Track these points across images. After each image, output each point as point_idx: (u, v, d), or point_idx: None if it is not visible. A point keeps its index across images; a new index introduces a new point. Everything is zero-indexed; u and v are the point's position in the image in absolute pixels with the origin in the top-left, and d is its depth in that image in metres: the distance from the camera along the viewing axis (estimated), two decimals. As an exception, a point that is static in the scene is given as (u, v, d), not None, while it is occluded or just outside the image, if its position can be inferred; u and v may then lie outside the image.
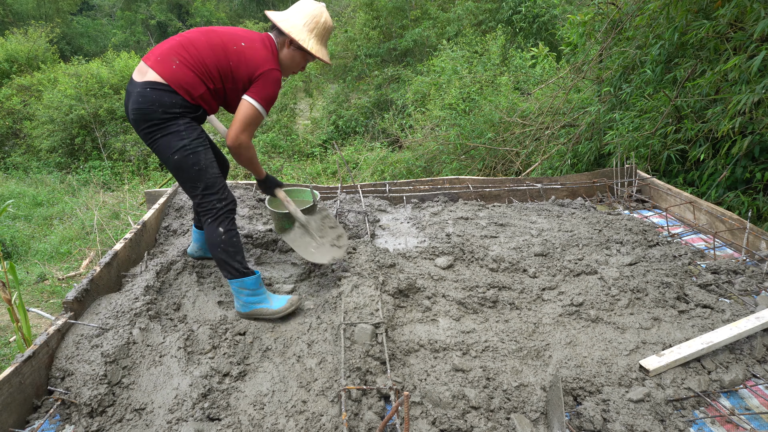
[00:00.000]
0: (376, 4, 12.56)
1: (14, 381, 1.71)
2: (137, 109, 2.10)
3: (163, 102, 2.09)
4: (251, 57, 2.20)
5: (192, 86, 2.14)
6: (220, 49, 2.18)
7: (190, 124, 2.18)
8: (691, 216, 3.30)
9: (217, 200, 2.23)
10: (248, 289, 2.25)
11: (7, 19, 20.15)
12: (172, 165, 2.18)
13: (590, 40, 5.55)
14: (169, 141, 2.13)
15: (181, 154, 2.14)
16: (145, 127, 2.12)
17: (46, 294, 5.40)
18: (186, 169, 2.17)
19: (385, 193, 3.85)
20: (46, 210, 8.20)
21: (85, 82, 11.27)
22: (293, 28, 2.28)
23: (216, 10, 24.16)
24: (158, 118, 2.10)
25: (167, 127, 2.12)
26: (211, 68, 2.17)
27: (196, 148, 2.17)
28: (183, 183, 2.24)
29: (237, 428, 1.67)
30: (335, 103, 12.85)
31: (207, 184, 2.21)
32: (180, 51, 2.15)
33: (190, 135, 2.15)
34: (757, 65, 3.13)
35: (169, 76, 2.10)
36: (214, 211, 2.23)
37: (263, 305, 2.27)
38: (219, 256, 2.23)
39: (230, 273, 2.24)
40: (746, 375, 1.91)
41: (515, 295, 2.46)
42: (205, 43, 2.18)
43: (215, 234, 2.22)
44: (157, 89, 2.08)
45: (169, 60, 2.12)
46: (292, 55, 2.34)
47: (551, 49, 9.05)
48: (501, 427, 1.67)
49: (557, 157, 5.89)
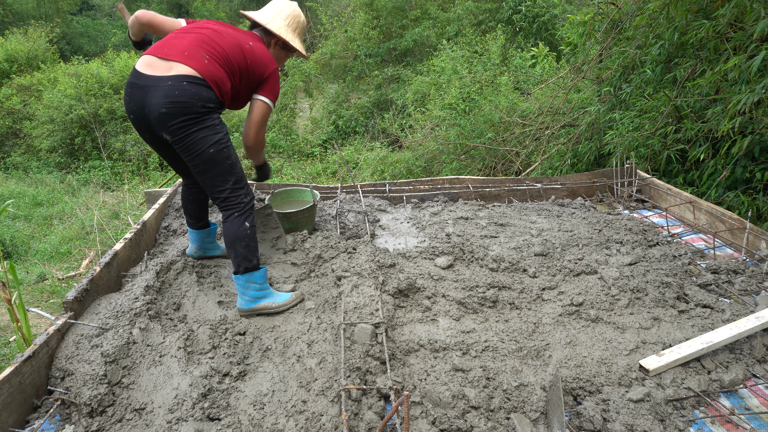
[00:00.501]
0: (376, 4, 12.55)
1: (14, 381, 1.71)
2: (175, 102, 2.06)
3: (202, 96, 2.11)
4: (261, 56, 2.30)
5: (222, 81, 2.18)
6: (239, 48, 2.25)
7: (220, 120, 2.23)
8: (691, 216, 3.30)
9: (245, 194, 2.29)
10: (257, 283, 2.28)
11: (7, 19, 20.14)
12: (207, 158, 2.17)
13: (590, 40, 5.55)
14: (206, 134, 2.14)
15: (217, 147, 2.17)
16: (181, 120, 2.09)
17: (46, 294, 5.40)
18: (220, 163, 2.20)
19: (385, 193, 3.85)
20: (46, 210, 8.20)
21: (85, 82, 11.27)
22: (280, 30, 2.42)
23: (216, 10, 24.13)
24: (197, 111, 2.10)
25: (203, 121, 2.13)
26: (233, 64, 2.23)
27: (228, 143, 2.22)
28: (213, 177, 2.23)
29: (237, 428, 1.67)
30: (335, 103, 12.84)
31: (237, 177, 2.27)
32: (206, 47, 2.18)
33: (223, 129, 2.22)
34: (757, 65, 3.13)
35: (204, 71, 2.13)
36: (241, 205, 2.27)
37: (269, 299, 2.31)
38: (241, 251, 2.25)
39: (246, 267, 2.27)
40: (746, 375, 1.91)
41: (515, 295, 2.46)
42: (226, 40, 2.24)
43: (242, 228, 2.25)
44: (195, 83, 2.10)
45: (200, 55, 2.14)
46: (278, 54, 2.51)
47: (551, 49, 9.05)
48: (501, 427, 1.67)
49: (557, 157, 5.89)
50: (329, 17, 13.76)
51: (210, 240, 2.77)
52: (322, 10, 15.05)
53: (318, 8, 15.58)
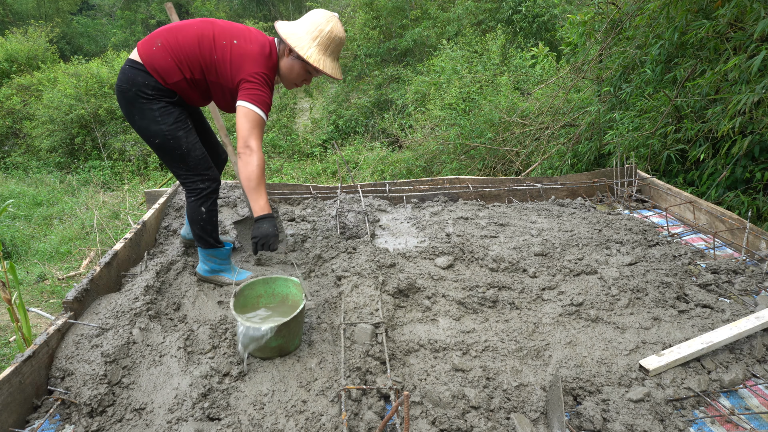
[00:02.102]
0: (376, 4, 12.55)
1: (14, 381, 1.71)
2: (116, 86, 2.14)
3: (137, 81, 2.08)
4: (239, 56, 2.12)
5: (166, 72, 2.10)
6: (208, 42, 2.13)
7: (165, 108, 2.14)
8: (691, 216, 3.30)
9: (200, 181, 2.28)
10: (218, 258, 2.44)
11: (7, 18, 20.14)
12: (155, 148, 2.22)
13: (590, 40, 5.55)
14: (148, 125, 2.15)
15: (161, 138, 2.16)
16: (123, 105, 2.15)
17: (46, 294, 5.40)
18: (168, 152, 2.22)
19: (385, 193, 3.85)
20: (46, 210, 8.20)
21: (85, 81, 11.26)
22: (292, 35, 2.18)
23: (216, 10, 24.13)
24: (131, 96, 2.10)
25: (143, 111, 2.12)
26: (191, 58, 2.12)
27: (175, 133, 2.16)
28: (167, 164, 2.30)
29: (237, 428, 1.67)
30: (335, 103, 12.85)
31: (190, 166, 2.25)
32: (166, 35, 2.13)
33: (166, 120, 2.14)
34: (757, 65, 3.13)
35: (147, 57, 2.09)
36: (197, 191, 2.30)
37: (226, 274, 2.47)
38: (197, 231, 2.37)
39: (204, 244, 2.41)
40: (746, 375, 1.91)
41: (515, 294, 2.46)
42: (195, 32, 2.14)
43: (197, 212, 2.33)
44: (134, 68, 2.10)
45: (153, 42, 2.12)
46: (291, 64, 2.25)
47: (551, 49, 9.05)
48: (501, 426, 1.67)
49: (557, 157, 5.89)
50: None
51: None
52: (322, 10, 15.02)
53: (318, 8, 15.58)
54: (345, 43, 12.39)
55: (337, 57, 2.31)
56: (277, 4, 24.27)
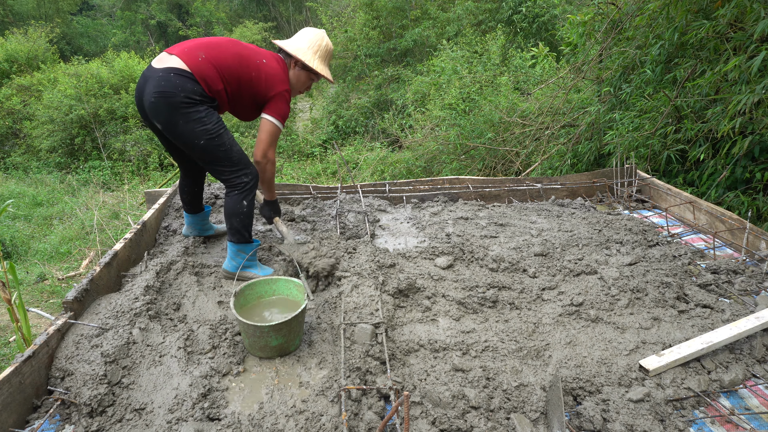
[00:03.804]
0: (376, 4, 12.56)
1: (14, 381, 1.71)
2: (159, 92, 2.21)
3: (186, 87, 2.24)
4: (270, 74, 2.45)
5: (212, 81, 2.32)
6: (245, 60, 2.41)
7: (209, 111, 2.33)
8: (691, 216, 3.30)
9: (244, 175, 2.44)
10: (246, 254, 2.52)
11: (7, 19, 20.15)
12: (200, 148, 2.33)
13: (590, 40, 5.55)
14: (193, 127, 2.27)
15: (206, 137, 2.30)
16: (166, 110, 2.23)
17: (46, 294, 5.40)
18: (213, 151, 2.35)
19: (385, 193, 3.85)
20: (46, 210, 8.20)
21: (85, 82, 11.26)
22: (299, 51, 2.56)
23: (216, 10, 24.14)
24: (179, 102, 2.23)
25: (188, 113, 2.25)
26: (233, 73, 2.38)
27: (219, 131, 2.34)
28: (211, 164, 2.41)
29: (237, 428, 1.67)
30: (335, 103, 12.85)
31: (234, 161, 2.41)
32: (207, 50, 2.35)
33: (211, 119, 2.32)
34: (757, 65, 3.13)
35: (195, 66, 2.27)
36: (241, 185, 2.45)
37: (253, 270, 2.56)
38: (236, 225, 2.46)
39: (239, 238, 2.49)
40: (746, 375, 1.91)
41: (515, 295, 2.46)
42: (232, 50, 2.40)
43: (239, 206, 2.44)
44: (181, 75, 2.24)
45: (196, 54, 2.31)
46: (298, 75, 2.62)
47: (551, 49, 9.05)
48: (501, 427, 1.67)
49: (557, 157, 5.89)
50: (329, 17, 13.76)
51: (204, 222, 2.97)
52: (322, 10, 15.06)
53: (318, 8, 15.59)
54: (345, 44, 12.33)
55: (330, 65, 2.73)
56: (277, 4, 24.28)
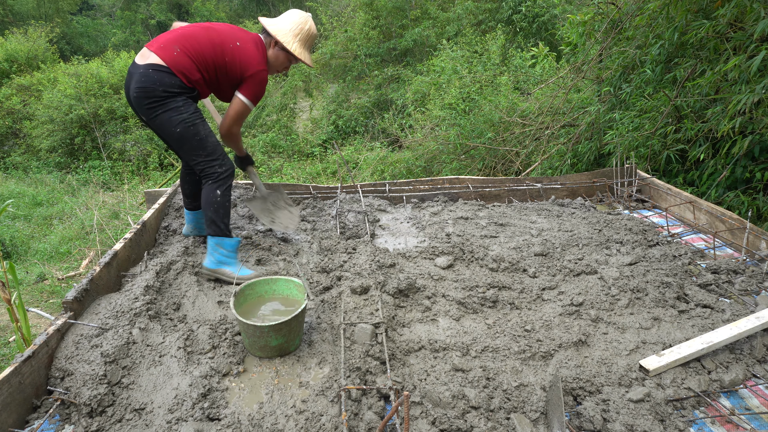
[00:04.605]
0: (376, 4, 12.55)
1: (14, 381, 1.71)
2: (140, 87, 2.34)
3: (164, 81, 2.35)
4: (244, 56, 2.50)
5: (189, 72, 2.42)
6: (219, 47, 2.47)
7: (187, 101, 2.44)
8: (691, 216, 3.30)
9: (218, 165, 2.51)
10: (225, 249, 2.52)
11: (7, 19, 20.14)
12: (176, 137, 2.43)
13: (590, 40, 5.55)
14: (170, 116, 2.39)
15: (182, 126, 2.40)
16: (147, 103, 2.37)
17: (46, 294, 5.40)
18: (189, 139, 2.44)
19: (385, 193, 3.85)
20: (46, 210, 8.20)
21: (85, 81, 11.26)
22: (279, 31, 2.60)
23: (216, 10, 24.15)
24: (159, 95, 2.35)
25: (167, 104, 2.38)
26: (208, 61, 2.46)
27: (194, 121, 2.43)
28: (186, 153, 2.49)
29: (237, 428, 1.67)
30: (335, 103, 12.84)
31: (208, 151, 2.49)
32: (182, 41, 2.43)
33: (188, 109, 2.42)
34: (757, 65, 3.13)
35: (170, 60, 2.37)
36: (215, 175, 2.50)
37: (230, 268, 2.52)
38: (210, 215, 2.51)
39: (215, 230, 2.52)
40: (746, 375, 1.91)
41: (515, 295, 2.46)
42: (206, 38, 2.47)
43: (213, 195, 2.49)
44: (159, 71, 2.35)
45: (172, 48, 2.40)
46: (277, 54, 2.65)
47: (551, 49, 9.05)
48: (501, 427, 1.67)
49: (557, 157, 5.89)
50: (329, 17, 13.76)
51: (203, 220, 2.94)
52: (322, 10, 15.05)
53: (318, 8, 15.58)
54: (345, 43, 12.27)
55: (311, 49, 2.77)
56: (277, 4, 24.27)
